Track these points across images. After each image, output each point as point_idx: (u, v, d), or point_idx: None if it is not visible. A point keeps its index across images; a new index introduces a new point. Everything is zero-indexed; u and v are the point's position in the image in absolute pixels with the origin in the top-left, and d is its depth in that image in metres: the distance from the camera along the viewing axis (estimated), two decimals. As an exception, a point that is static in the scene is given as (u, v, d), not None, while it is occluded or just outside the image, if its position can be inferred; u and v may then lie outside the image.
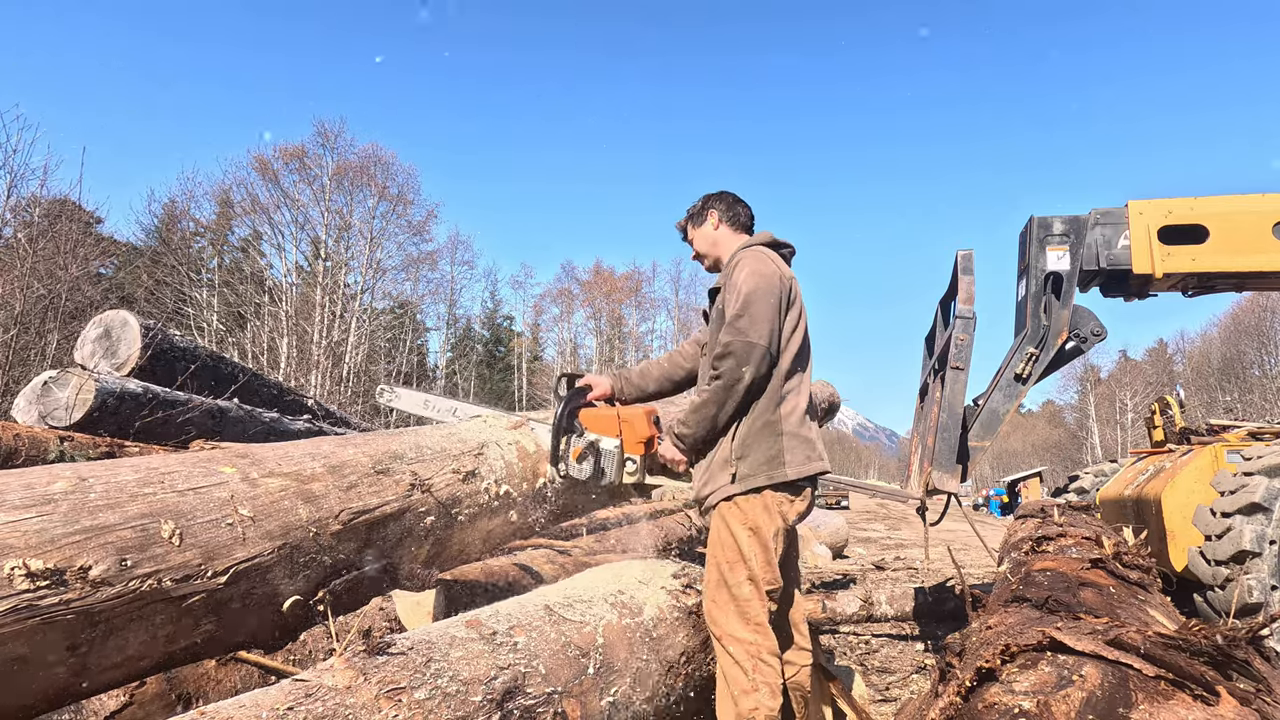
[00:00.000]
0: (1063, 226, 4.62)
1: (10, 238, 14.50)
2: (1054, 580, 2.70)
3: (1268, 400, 40.06)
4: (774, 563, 2.42)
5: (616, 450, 2.59)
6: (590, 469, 2.60)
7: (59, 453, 3.68)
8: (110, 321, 5.42)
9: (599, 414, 2.68)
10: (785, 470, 2.41)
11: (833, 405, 6.14)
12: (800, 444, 2.46)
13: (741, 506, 2.42)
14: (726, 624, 2.36)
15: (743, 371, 2.37)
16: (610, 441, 2.60)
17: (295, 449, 2.30)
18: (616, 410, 2.69)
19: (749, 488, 2.41)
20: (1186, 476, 5.27)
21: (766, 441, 2.42)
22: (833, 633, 5.86)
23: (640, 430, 2.61)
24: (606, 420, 2.64)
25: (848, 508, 26.84)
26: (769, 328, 2.39)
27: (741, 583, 2.37)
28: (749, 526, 2.40)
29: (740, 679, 2.29)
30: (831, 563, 11.65)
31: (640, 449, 2.59)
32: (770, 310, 2.41)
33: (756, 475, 2.41)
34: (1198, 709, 1.28)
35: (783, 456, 2.42)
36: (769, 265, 2.50)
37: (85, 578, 1.56)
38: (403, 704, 1.58)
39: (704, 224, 2.76)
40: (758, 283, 2.43)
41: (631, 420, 2.63)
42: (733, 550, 2.40)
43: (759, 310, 2.39)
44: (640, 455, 2.59)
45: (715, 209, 2.74)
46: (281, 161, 31.24)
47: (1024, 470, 45.95)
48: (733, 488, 2.42)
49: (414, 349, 37.25)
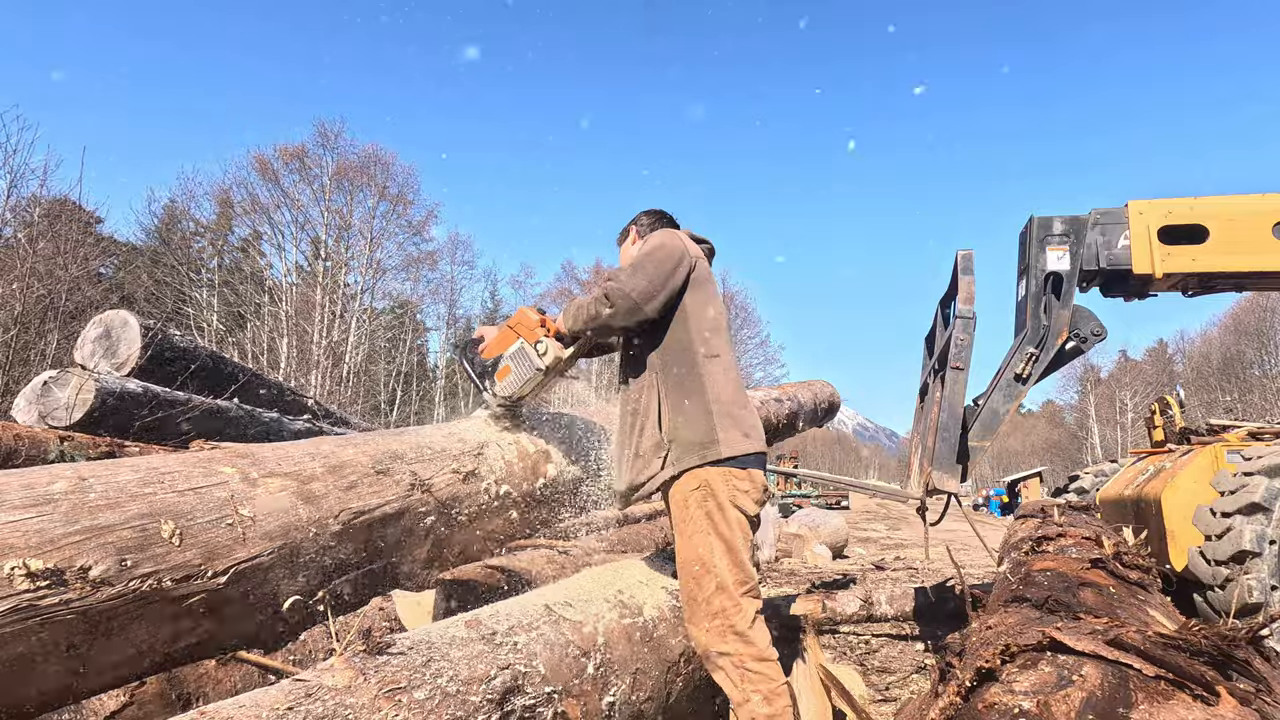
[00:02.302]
0: (1063, 226, 4.62)
1: (10, 238, 14.50)
2: (1054, 580, 2.70)
3: (1268, 400, 40.05)
4: (743, 560, 2.32)
5: (523, 345, 2.64)
6: (517, 376, 2.66)
7: (59, 453, 3.68)
8: (110, 321, 5.42)
9: (492, 339, 2.78)
10: (719, 449, 2.35)
11: (832, 405, 6.14)
12: (732, 423, 2.40)
13: (681, 491, 2.36)
14: (705, 640, 2.29)
15: (605, 313, 2.41)
16: (514, 345, 2.67)
17: (295, 449, 2.30)
18: (504, 324, 2.75)
19: (683, 468, 2.35)
20: (1186, 476, 5.26)
21: (696, 421, 2.38)
22: (833, 633, 5.86)
23: (529, 319, 2.66)
24: (501, 337, 2.74)
25: (848, 508, 26.83)
26: (648, 284, 2.40)
27: (711, 596, 2.28)
28: (709, 520, 2.32)
29: (732, 692, 2.24)
30: (831, 563, 11.65)
31: (540, 331, 2.62)
32: (657, 271, 2.43)
33: (689, 455, 2.36)
34: (1198, 709, 1.28)
35: (715, 434, 2.36)
36: (674, 239, 2.53)
37: (85, 578, 1.56)
38: (402, 704, 1.58)
39: (626, 240, 2.86)
40: (658, 245, 2.49)
41: (519, 320, 2.69)
42: (694, 560, 2.32)
43: (649, 268, 2.43)
44: (545, 336, 2.62)
45: (636, 225, 2.85)
46: (281, 161, 31.27)
47: (1024, 470, 45.95)
48: (665, 472, 2.37)
49: (414, 349, 37.25)
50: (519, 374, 2.65)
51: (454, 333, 40.02)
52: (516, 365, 2.66)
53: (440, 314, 40.03)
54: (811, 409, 5.67)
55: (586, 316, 2.48)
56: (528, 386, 2.65)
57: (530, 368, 2.62)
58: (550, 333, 2.61)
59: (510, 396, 2.73)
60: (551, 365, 2.60)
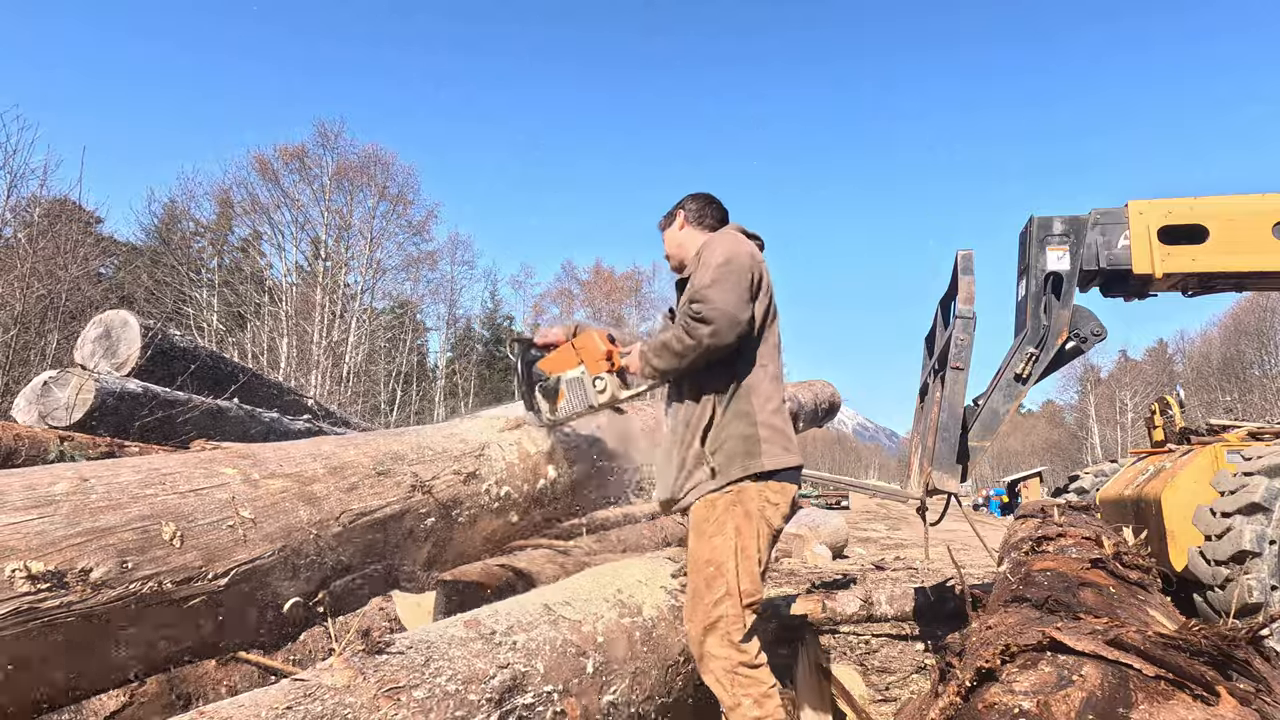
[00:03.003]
0: (1063, 226, 4.62)
1: (10, 238, 14.50)
2: (1054, 580, 2.70)
3: (1268, 400, 40.05)
4: (755, 573, 2.34)
5: (583, 375, 2.60)
6: (569, 404, 2.62)
7: (59, 453, 3.68)
8: (110, 321, 5.43)
9: (554, 355, 2.71)
10: (761, 460, 2.36)
11: (833, 405, 6.14)
12: (775, 434, 2.41)
13: (719, 504, 2.35)
14: (700, 639, 2.31)
15: (706, 336, 2.31)
16: (574, 371, 2.62)
17: (296, 450, 2.30)
18: (570, 342, 2.68)
19: (727, 480, 2.35)
20: (1186, 476, 5.26)
21: (742, 434, 2.38)
22: (833, 633, 5.86)
23: (597, 350, 2.60)
24: (563, 355, 2.67)
25: (848, 508, 26.84)
26: (737, 297, 2.35)
27: (719, 600, 2.29)
28: (734, 525, 2.33)
29: (723, 696, 2.26)
30: (831, 563, 11.65)
31: (604, 365, 2.57)
32: (739, 282, 2.37)
33: (732, 466, 2.36)
34: (1198, 709, 1.28)
35: (759, 447, 2.37)
36: (744, 244, 2.48)
37: (86, 580, 1.56)
38: (402, 703, 1.58)
39: (672, 224, 2.75)
40: (730, 255, 2.41)
41: (585, 345, 2.62)
42: (710, 561, 2.33)
43: (731, 280, 2.36)
44: (607, 371, 2.57)
45: (685, 209, 2.74)
46: (281, 161, 31.28)
47: (1024, 470, 45.99)
48: (711, 483, 2.37)
49: (414, 349, 37.24)
50: (570, 403, 2.60)
51: (454, 333, 40.06)
52: (570, 393, 2.60)
53: (440, 314, 40.08)
54: (812, 409, 5.67)
55: (680, 350, 2.34)
56: (575, 417, 2.63)
57: (583, 402, 2.57)
58: (614, 367, 2.54)
59: (555, 421, 2.70)
60: (605, 404, 2.56)
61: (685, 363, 2.37)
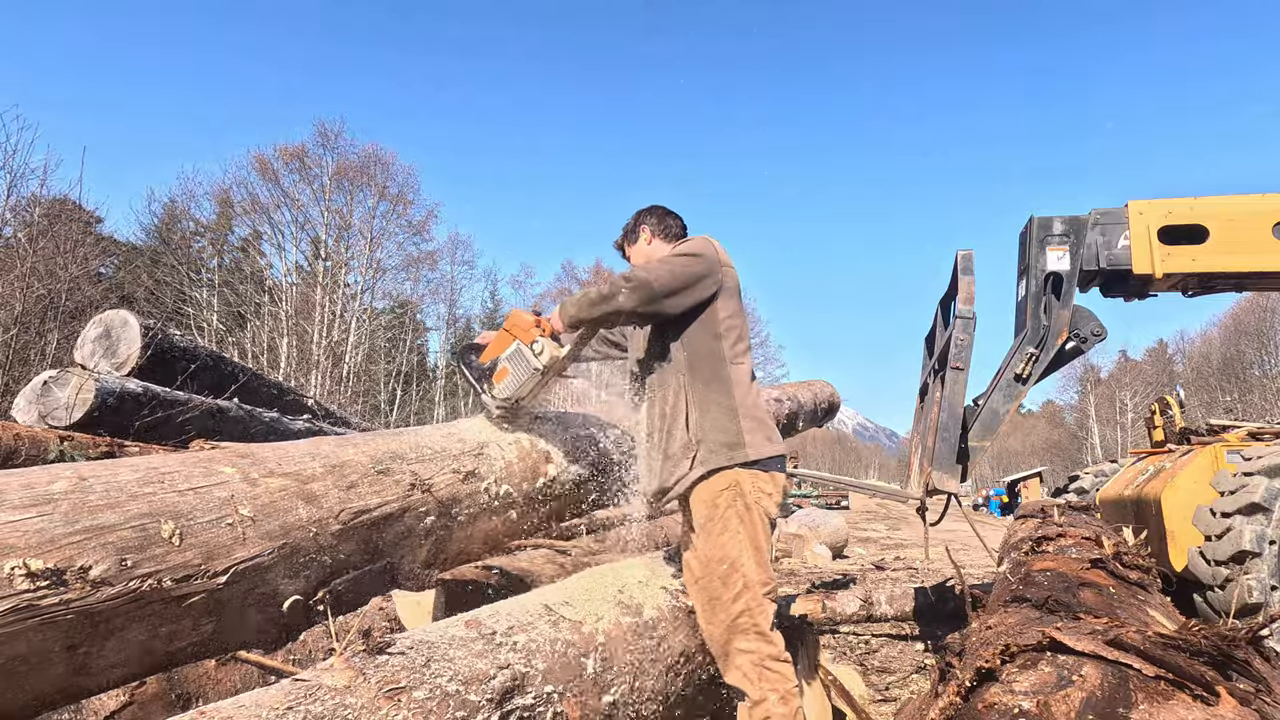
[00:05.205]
0: (1063, 227, 4.63)
1: (10, 238, 14.50)
2: (1054, 580, 2.70)
3: (1268, 400, 40.04)
4: (766, 561, 2.38)
5: (520, 347, 2.63)
6: (514, 377, 2.65)
7: (59, 452, 3.68)
8: (110, 321, 5.42)
9: (490, 344, 2.76)
10: (746, 451, 2.40)
11: (832, 405, 6.13)
12: (757, 425, 2.46)
13: (710, 491, 2.39)
14: (725, 638, 2.33)
15: (623, 295, 2.35)
16: (511, 347, 2.65)
17: (295, 449, 2.29)
18: (501, 329, 2.73)
19: (715, 467, 2.39)
20: (1186, 476, 5.27)
21: (723, 423, 2.42)
22: (833, 633, 5.86)
23: (525, 321, 2.63)
24: (498, 340, 2.71)
25: (848, 508, 26.84)
26: (672, 279, 2.39)
27: (739, 594, 2.32)
28: (738, 519, 2.35)
29: (750, 690, 2.26)
30: (831, 563, 11.66)
31: (535, 331, 2.60)
32: (685, 271, 2.42)
33: (717, 456, 2.39)
34: (1198, 709, 1.28)
35: (742, 438, 2.41)
36: (712, 247, 2.53)
37: (85, 578, 1.56)
38: (402, 704, 1.58)
39: (638, 241, 2.80)
40: (690, 250, 2.49)
41: (515, 322, 2.66)
42: (722, 559, 2.35)
43: (678, 265, 2.43)
44: (541, 337, 2.60)
45: (647, 224, 2.79)
46: (281, 161, 31.28)
47: (1024, 470, 45.98)
48: (694, 472, 2.40)
49: (414, 349, 37.24)
50: (516, 375, 2.65)
51: (454, 333, 40.03)
52: (514, 367, 2.65)
53: (440, 314, 40.05)
54: (811, 409, 5.67)
55: (594, 299, 2.42)
56: (526, 388, 2.65)
57: (527, 369, 2.61)
58: (546, 332, 2.59)
59: (509, 399, 2.73)
60: (548, 365, 2.59)
61: (597, 313, 2.42)
